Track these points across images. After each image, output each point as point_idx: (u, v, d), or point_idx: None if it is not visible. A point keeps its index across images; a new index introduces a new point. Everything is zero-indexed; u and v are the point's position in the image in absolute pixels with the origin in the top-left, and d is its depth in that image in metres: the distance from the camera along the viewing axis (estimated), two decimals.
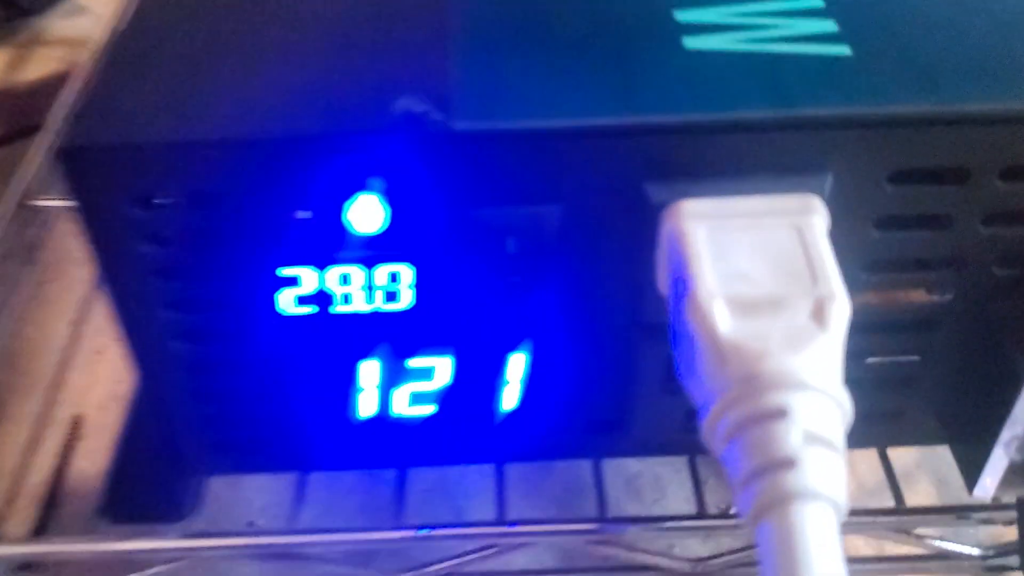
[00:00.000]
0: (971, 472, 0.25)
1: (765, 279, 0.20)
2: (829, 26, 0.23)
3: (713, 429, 0.19)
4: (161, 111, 0.21)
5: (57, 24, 0.54)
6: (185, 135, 0.21)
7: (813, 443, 0.18)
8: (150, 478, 0.28)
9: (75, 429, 0.35)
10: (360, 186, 0.21)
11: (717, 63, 0.22)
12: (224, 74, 0.22)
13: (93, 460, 0.34)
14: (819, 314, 0.19)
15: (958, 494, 0.36)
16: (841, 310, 0.19)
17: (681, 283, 0.20)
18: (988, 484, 0.25)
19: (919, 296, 0.25)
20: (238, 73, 0.22)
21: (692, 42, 0.23)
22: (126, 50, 0.23)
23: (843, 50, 0.22)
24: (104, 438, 0.31)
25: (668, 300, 0.22)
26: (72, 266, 0.42)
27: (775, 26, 0.23)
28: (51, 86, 0.42)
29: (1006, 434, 0.23)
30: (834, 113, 0.21)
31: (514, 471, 0.31)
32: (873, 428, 0.27)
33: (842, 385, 0.19)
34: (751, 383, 0.18)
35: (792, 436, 0.18)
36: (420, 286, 0.23)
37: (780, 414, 0.18)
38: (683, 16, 0.23)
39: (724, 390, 0.19)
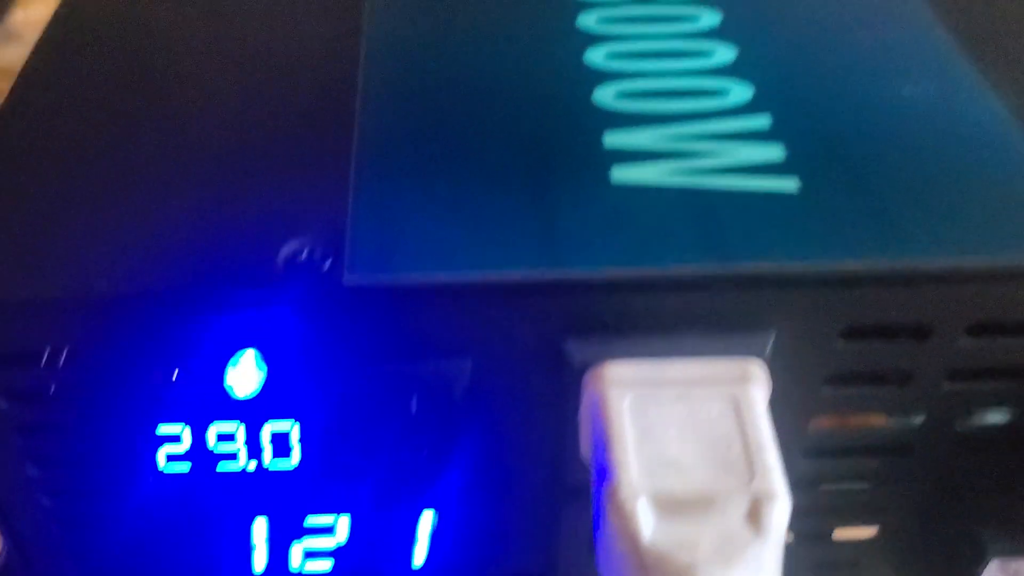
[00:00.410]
0: None
1: (696, 468, 0.17)
2: (775, 153, 0.20)
3: None
4: (13, 261, 0.18)
5: None
6: (39, 292, 0.18)
7: None
8: None
9: None
10: (236, 346, 0.18)
11: (648, 202, 0.19)
12: (88, 217, 0.19)
13: None
14: (755, 516, 0.17)
15: None
16: (781, 512, 0.17)
17: (603, 464, 0.18)
18: None
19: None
20: (102, 216, 0.19)
21: (621, 174, 0.20)
22: None
23: (790, 185, 0.20)
24: None
25: (591, 471, 0.19)
26: None
27: (715, 153, 0.20)
28: None
29: None
30: (779, 270, 0.18)
31: None
32: None
33: None
34: None
35: None
36: (307, 448, 0.20)
37: None
38: (613, 140, 0.21)
39: None
